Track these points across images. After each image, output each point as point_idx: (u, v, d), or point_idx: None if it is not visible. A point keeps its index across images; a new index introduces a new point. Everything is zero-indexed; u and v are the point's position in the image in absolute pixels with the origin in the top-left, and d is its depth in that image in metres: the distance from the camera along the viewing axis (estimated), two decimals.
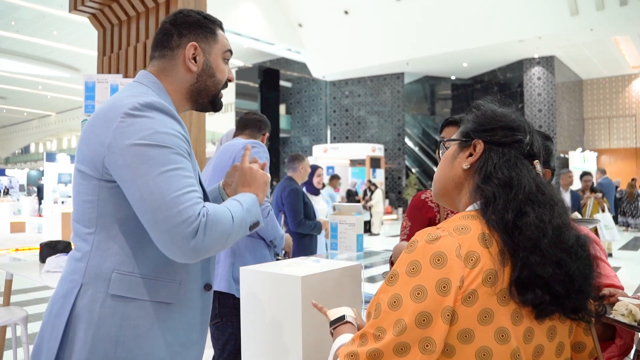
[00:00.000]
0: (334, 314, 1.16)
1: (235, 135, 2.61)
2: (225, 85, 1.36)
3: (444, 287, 0.83)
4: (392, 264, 1.93)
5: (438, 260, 0.84)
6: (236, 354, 2.14)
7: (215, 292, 2.23)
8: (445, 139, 1.08)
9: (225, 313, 2.16)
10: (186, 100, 1.32)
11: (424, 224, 1.86)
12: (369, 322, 0.88)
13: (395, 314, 0.84)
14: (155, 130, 1.09)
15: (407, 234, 1.92)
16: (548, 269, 0.85)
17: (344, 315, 1.13)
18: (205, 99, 1.32)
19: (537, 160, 0.98)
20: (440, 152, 1.10)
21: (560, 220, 0.90)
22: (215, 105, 1.35)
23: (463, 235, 0.87)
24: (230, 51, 1.35)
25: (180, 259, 1.08)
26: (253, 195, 1.28)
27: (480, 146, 0.98)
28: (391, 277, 0.88)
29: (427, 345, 0.82)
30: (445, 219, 1.92)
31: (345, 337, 1.04)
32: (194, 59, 1.27)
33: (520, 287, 0.84)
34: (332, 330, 1.13)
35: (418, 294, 0.84)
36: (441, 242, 0.86)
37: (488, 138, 0.98)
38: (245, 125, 2.56)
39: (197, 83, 1.29)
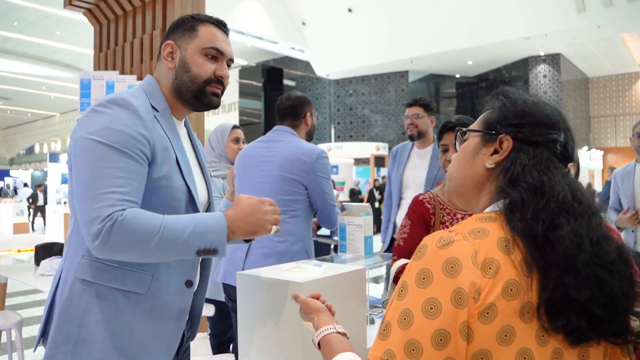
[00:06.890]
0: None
1: (278, 123, 2.35)
2: (218, 82, 1.32)
3: (460, 298, 0.71)
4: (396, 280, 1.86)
5: (452, 267, 0.73)
6: None
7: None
8: (464, 129, 0.93)
9: None
10: (176, 99, 1.33)
11: (422, 223, 1.92)
12: (376, 344, 0.75)
13: (405, 333, 0.72)
14: (106, 127, 1.13)
15: (407, 232, 1.95)
16: (585, 291, 0.72)
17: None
18: (188, 95, 1.31)
19: (572, 164, 0.85)
20: (457, 143, 0.95)
21: (599, 232, 0.77)
22: (201, 101, 1.32)
23: (480, 239, 0.75)
24: (215, 48, 1.31)
25: (92, 252, 1.11)
26: (223, 220, 1.17)
27: (508, 143, 0.84)
28: (400, 290, 0.77)
29: None
30: (441, 221, 1.86)
31: (344, 357, 0.89)
32: (171, 56, 1.31)
33: (552, 311, 0.72)
34: (318, 342, 0.97)
35: (431, 308, 0.72)
36: (454, 247, 0.74)
37: (517, 134, 0.84)
38: (283, 115, 2.32)
39: (176, 79, 1.31)
